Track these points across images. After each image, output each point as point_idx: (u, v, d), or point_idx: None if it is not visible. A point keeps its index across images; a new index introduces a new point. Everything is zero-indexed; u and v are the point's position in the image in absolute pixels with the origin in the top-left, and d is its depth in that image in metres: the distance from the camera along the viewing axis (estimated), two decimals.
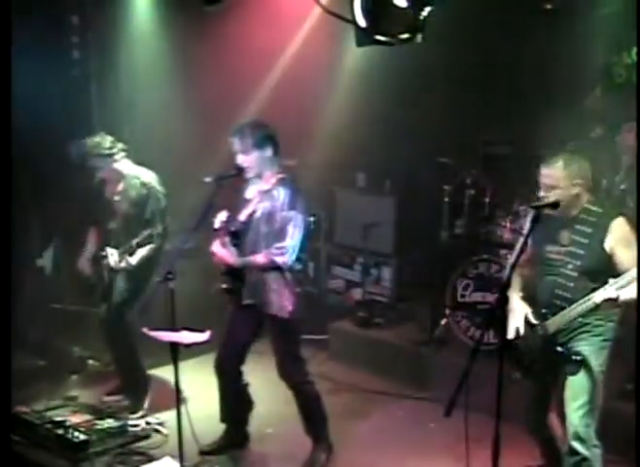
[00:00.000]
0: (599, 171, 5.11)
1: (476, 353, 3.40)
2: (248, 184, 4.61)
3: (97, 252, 5.41)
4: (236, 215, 4.55)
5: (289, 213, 4.39)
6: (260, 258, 4.42)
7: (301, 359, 4.65)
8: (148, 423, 5.09)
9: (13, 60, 3.79)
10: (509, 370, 3.86)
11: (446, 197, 6.28)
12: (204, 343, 4.07)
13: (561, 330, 3.84)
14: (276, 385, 4.70)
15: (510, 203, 5.87)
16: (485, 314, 5.70)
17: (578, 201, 3.82)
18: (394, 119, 6.90)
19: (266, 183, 4.50)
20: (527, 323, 3.92)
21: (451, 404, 3.30)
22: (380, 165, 7.29)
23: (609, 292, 3.57)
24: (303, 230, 4.42)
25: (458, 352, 5.57)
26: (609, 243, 3.74)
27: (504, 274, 4.12)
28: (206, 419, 4.81)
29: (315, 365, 5.76)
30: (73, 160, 5.25)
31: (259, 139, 4.40)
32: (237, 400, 4.83)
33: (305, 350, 4.78)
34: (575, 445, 3.79)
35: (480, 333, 5.05)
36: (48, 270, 6.90)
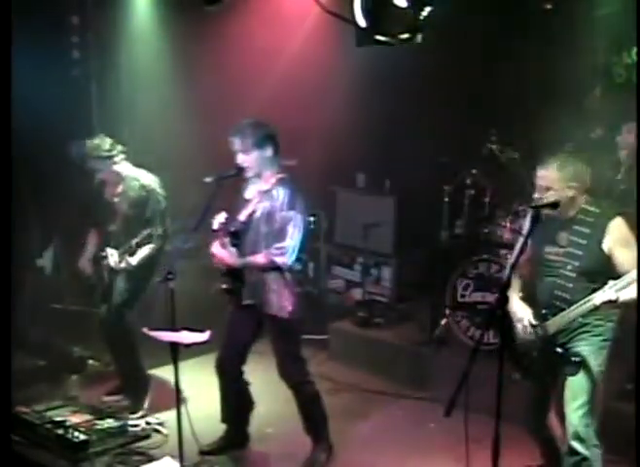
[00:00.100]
0: (599, 171, 5.12)
1: (476, 353, 3.40)
2: (248, 184, 4.61)
3: (97, 253, 5.41)
4: (236, 215, 4.55)
5: (288, 213, 4.38)
6: (260, 258, 4.41)
7: (301, 359, 4.65)
8: (148, 423, 5.09)
9: (13, 60, 3.78)
10: (509, 370, 3.86)
11: (446, 197, 6.28)
12: (204, 343, 4.06)
13: (561, 330, 3.84)
14: (276, 385, 4.70)
15: (510, 203, 5.87)
16: (485, 314, 5.69)
17: (574, 203, 3.82)
18: (394, 119, 6.90)
19: (266, 183, 4.50)
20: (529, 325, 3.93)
21: (451, 404, 3.30)
22: (380, 165, 7.29)
23: (608, 294, 3.57)
24: (303, 230, 4.42)
25: (458, 352, 5.56)
26: (607, 244, 3.73)
27: (504, 274, 4.12)
28: (206, 419, 4.81)
29: (315, 365, 5.75)
30: (73, 160, 5.25)
31: (259, 139, 4.39)
32: (238, 400, 4.82)
33: (305, 350, 4.77)
34: (574, 445, 3.79)
35: (480, 333, 5.05)
36: (48, 270, 6.90)
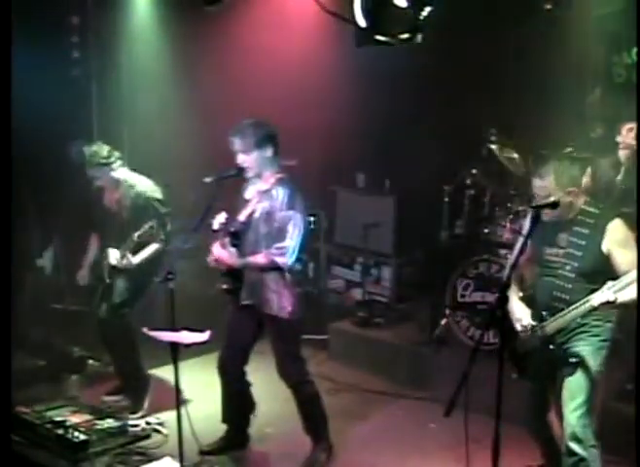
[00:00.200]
0: (599, 171, 5.12)
1: (476, 353, 3.40)
2: (248, 184, 4.61)
3: (99, 256, 5.43)
4: (236, 215, 4.55)
5: (288, 213, 4.38)
6: (260, 258, 4.41)
7: (301, 359, 4.65)
8: (148, 423, 5.09)
9: (13, 60, 3.78)
10: (509, 370, 3.86)
11: (446, 197, 6.28)
12: (204, 343, 4.06)
13: (559, 330, 3.83)
14: (276, 385, 4.70)
15: (510, 203, 5.87)
16: (485, 314, 5.69)
17: (573, 205, 3.83)
18: (394, 119, 6.90)
19: (266, 183, 4.49)
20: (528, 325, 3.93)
21: (451, 404, 3.30)
22: (380, 165, 7.28)
23: (606, 295, 3.56)
24: (303, 229, 4.42)
25: (458, 352, 5.56)
26: (606, 245, 3.73)
27: (504, 274, 4.12)
28: (206, 419, 4.82)
29: (315, 365, 5.75)
30: (73, 160, 5.25)
31: (260, 139, 4.39)
32: (240, 401, 4.82)
33: (305, 350, 4.77)
34: (572, 445, 3.78)
35: (480, 333, 5.06)
36: (48, 270, 6.90)
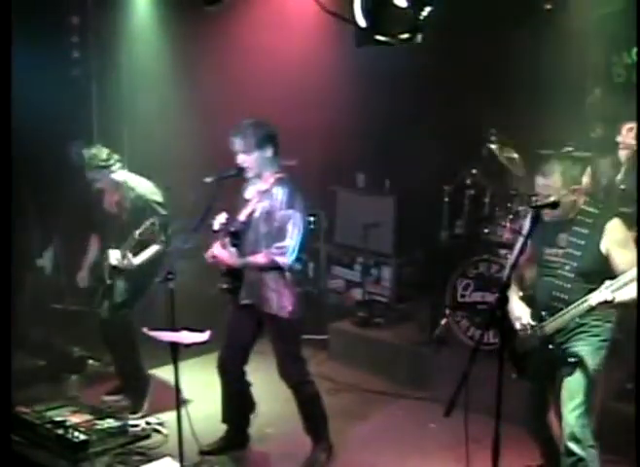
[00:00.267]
0: (599, 171, 5.12)
1: (476, 353, 3.40)
2: (248, 184, 4.61)
3: (99, 257, 5.44)
4: (236, 215, 4.55)
5: (287, 212, 4.38)
6: (260, 258, 4.41)
7: (301, 359, 4.65)
8: (148, 423, 5.09)
9: (13, 60, 3.78)
10: (509, 370, 3.86)
11: (446, 197, 6.28)
12: (204, 343, 4.06)
13: (559, 330, 3.83)
14: (276, 385, 4.70)
15: (510, 203, 5.87)
16: (485, 314, 5.69)
17: (575, 205, 3.83)
18: (394, 119, 6.90)
19: (265, 183, 4.50)
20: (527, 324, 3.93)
21: (451, 404, 3.30)
22: (380, 165, 7.28)
23: (604, 294, 3.56)
24: (303, 229, 4.42)
25: (458, 352, 5.55)
26: (604, 245, 3.73)
27: (504, 274, 4.12)
28: (206, 419, 4.82)
29: (315, 365, 5.75)
30: (73, 160, 5.25)
31: (260, 139, 4.39)
32: (240, 401, 4.82)
33: (305, 350, 4.77)
34: (571, 445, 3.78)
35: (480, 333, 5.05)
36: (48, 270, 6.90)
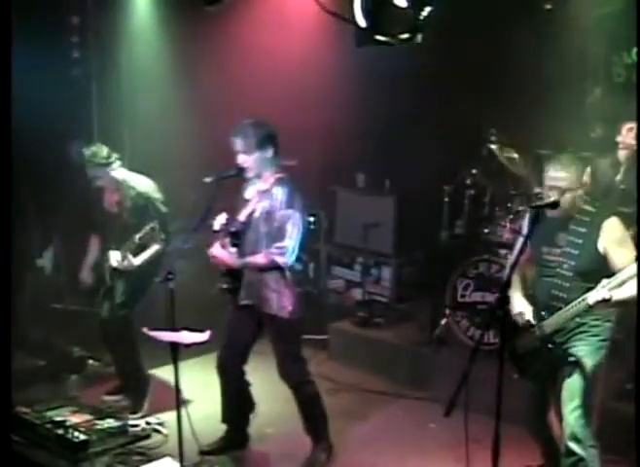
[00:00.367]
0: (599, 171, 5.12)
1: (476, 353, 3.40)
2: (248, 184, 4.61)
3: (99, 257, 5.44)
4: (236, 215, 4.55)
5: (287, 211, 4.38)
6: (260, 258, 4.41)
7: (301, 359, 4.65)
8: (148, 423, 5.09)
9: (13, 60, 3.78)
10: (509, 370, 3.86)
11: (446, 198, 6.28)
12: (204, 343, 4.06)
13: (558, 330, 3.84)
14: (276, 385, 4.70)
15: (510, 203, 5.87)
16: (485, 314, 5.69)
17: (575, 204, 3.82)
18: (394, 119, 6.90)
19: (265, 183, 4.50)
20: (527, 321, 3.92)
21: (451, 404, 3.30)
22: (380, 165, 7.28)
23: (601, 293, 3.56)
24: (302, 228, 4.42)
25: (458, 352, 5.55)
26: (602, 243, 3.73)
27: (504, 274, 4.12)
28: (206, 419, 4.82)
29: (315, 365, 5.74)
30: (73, 160, 5.25)
31: (260, 139, 4.39)
32: (239, 400, 4.82)
33: (305, 350, 4.77)
34: (571, 445, 3.79)
35: (480, 333, 5.05)
36: (48, 270, 6.90)
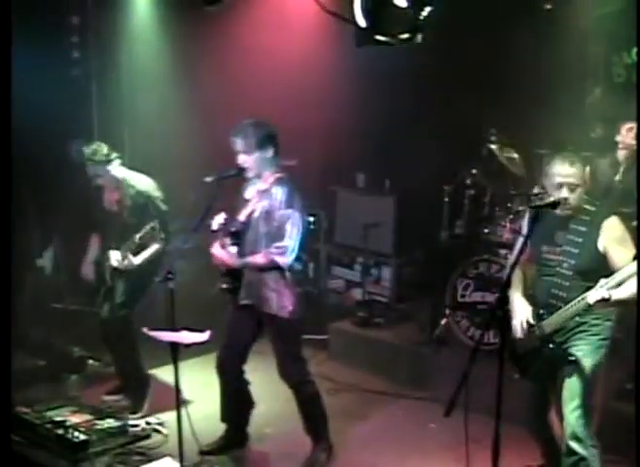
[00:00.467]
0: (599, 171, 5.12)
1: (476, 353, 3.40)
2: (248, 184, 4.61)
3: (99, 257, 5.43)
4: (236, 215, 4.55)
5: (286, 211, 4.38)
6: (259, 258, 4.41)
7: (301, 359, 4.65)
8: (148, 423, 5.09)
9: (13, 60, 3.78)
10: (510, 370, 3.86)
11: (446, 198, 6.28)
12: (204, 343, 4.06)
13: (558, 330, 3.84)
14: (276, 385, 4.70)
15: (510, 203, 5.87)
16: (485, 314, 5.69)
17: (575, 203, 3.81)
18: (394, 119, 6.90)
19: (265, 182, 4.50)
20: (526, 323, 3.93)
21: (451, 404, 3.30)
22: (380, 165, 7.28)
23: (600, 292, 3.56)
24: (302, 228, 4.42)
25: (458, 352, 5.55)
26: (602, 242, 3.73)
27: (504, 274, 4.12)
28: (206, 419, 4.82)
29: (315, 365, 5.74)
30: (73, 159, 5.25)
31: (260, 139, 4.39)
32: (239, 400, 4.82)
33: (305, 350, 4.77)
34: (572, 445, 3.79)
35: (480, 333, 5.05)
36: (48, 270, 6.90)
